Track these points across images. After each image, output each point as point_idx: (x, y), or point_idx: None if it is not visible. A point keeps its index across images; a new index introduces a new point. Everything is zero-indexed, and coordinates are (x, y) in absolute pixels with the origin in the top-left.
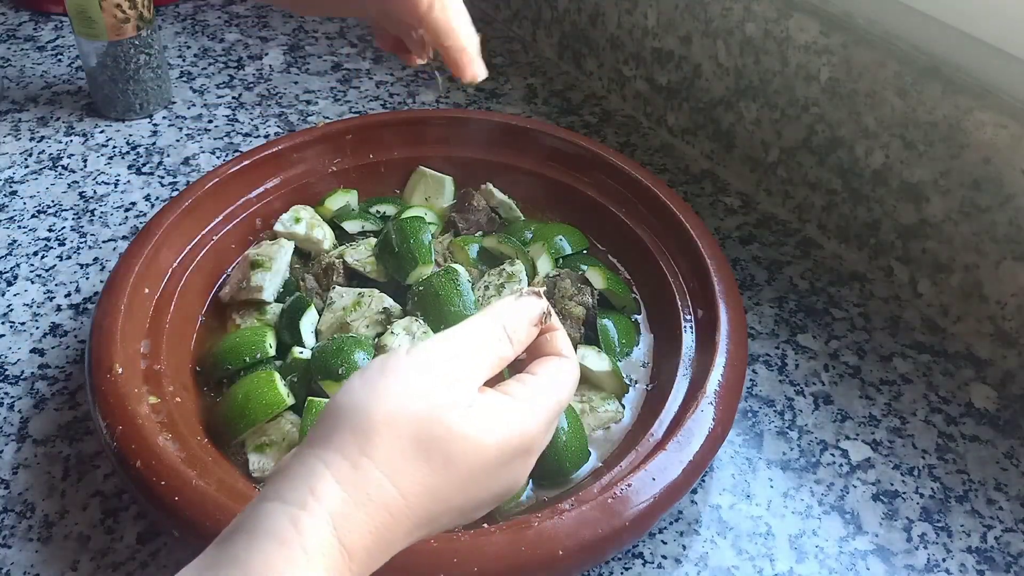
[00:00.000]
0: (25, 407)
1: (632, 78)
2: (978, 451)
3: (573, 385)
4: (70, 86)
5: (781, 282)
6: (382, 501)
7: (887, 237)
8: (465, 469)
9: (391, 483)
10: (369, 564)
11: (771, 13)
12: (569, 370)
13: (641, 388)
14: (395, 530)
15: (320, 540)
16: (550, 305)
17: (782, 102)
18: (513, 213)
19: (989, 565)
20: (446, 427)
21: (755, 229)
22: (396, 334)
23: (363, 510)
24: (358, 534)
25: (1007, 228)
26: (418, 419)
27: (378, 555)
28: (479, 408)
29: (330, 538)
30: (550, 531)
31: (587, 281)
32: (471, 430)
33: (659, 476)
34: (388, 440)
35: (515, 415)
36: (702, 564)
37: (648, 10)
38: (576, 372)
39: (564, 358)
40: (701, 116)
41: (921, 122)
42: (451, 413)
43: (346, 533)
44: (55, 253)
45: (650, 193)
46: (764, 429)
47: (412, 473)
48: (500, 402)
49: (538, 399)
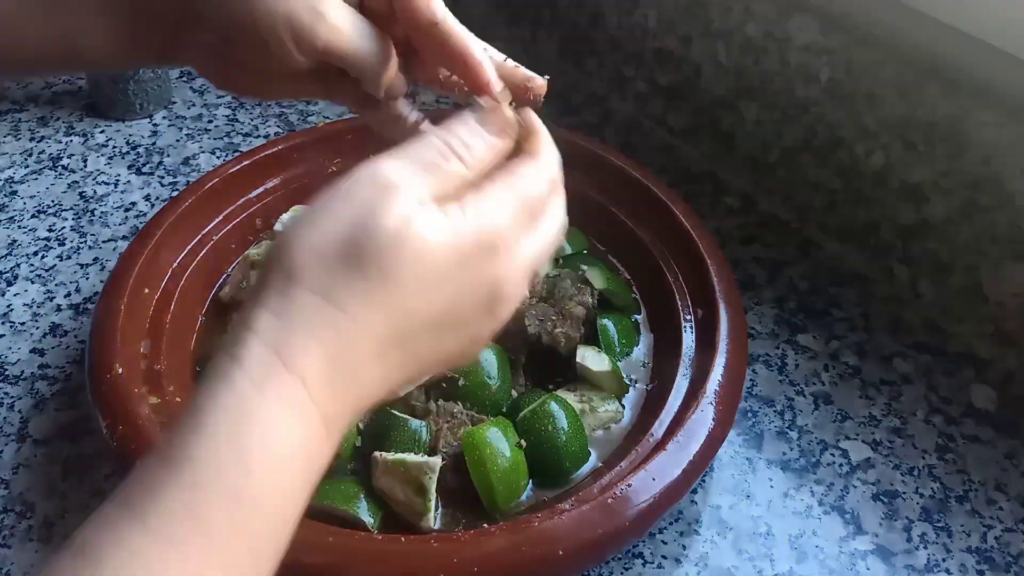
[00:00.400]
0: (25, 407)
1: (632, 78)
2: (978, 451)
3: (537, 177)
4: (70, 86)
5: (781, 282)
6: (321, 320)
7: (887, 237)
8: (410, 274)
9: (326, 301)
10: (333, 393)
11: (771, 14)
12: (531, 163)
13: (641, 388)
14: (353, 350)
15: (264, 370)
16: (523, 123)
17: (782, 102)
18: None
19: (989, 565)
20: (372, 237)
21: (755, 229)
22: None
23: (303, 332)
24: (306, 358)
25: (1007, 228)
26: (343, 237)
27: (341, 381)
28: (416, 215)
29: (275, 367)
30: (550, 531)
31: (587, 281)
32: (405, 234)
33: (659, 476)
34: (314, 263)
35: (461, 215)
36: (702, 564)
37: (648, 11)
38: (545, 167)
39: (529, 154)
40: (701, 116)
41: (921, 122)
42: (379, 222)
43: (290, 358)
44: (55, 253)
45: (650, 193)
46: (764, 429)
47: (348, 288)
48: (445, 208)
49: (493, 192)
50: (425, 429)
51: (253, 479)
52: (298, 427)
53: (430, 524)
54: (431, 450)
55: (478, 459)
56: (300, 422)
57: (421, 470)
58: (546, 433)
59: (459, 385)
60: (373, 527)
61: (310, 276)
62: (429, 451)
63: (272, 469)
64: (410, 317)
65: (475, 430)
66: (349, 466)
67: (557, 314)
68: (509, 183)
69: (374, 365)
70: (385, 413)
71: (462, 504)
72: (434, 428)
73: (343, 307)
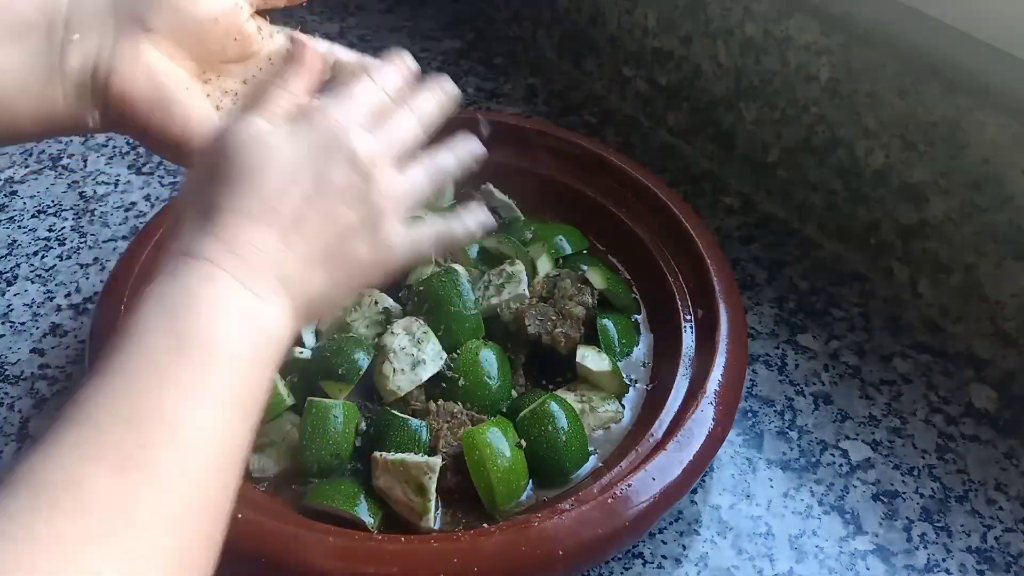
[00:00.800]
0: (25, 407)
1: (632, 78)
2: (978, 451)
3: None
4: None
5: (781, 282)
6: (208, 225)
7: (887, 237)
8: (246, 165)
9: (209, 211)
10: (246, 265)
11: (771, 13)
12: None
13: (641, 388)
14: (243, 230)
15: (174, 266)
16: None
17: (782, 102)
18: (513, 213)
19: (989, 565)
20: (225, 153)
21: (755, 229)
22: (396, 334)
23: (197, 237)
24: (205, 246)
25: (1007, 228)
26: (208, 166)
27: (249, 254)
28: (254, 126)
29: (182, 263)
30: (550, 531)
31: (587, 281)
32: (248, 138)
33: (659, 476)
34: (194, 194)
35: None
36: (702, 564)
37: (648, 10)
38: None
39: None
40: (701, 116)
41: (921, 122)
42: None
43: (194, 253)
44: (55, 253)
45: (650, 193)
46: (764, 429)
47: (219, 195)
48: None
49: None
50: (425, 429)
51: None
52: (213, 289)
53: (430, 524)
54: (431, 450)
55: (478, 459)
56: (211, 285)
57: (421, 470)
58: (546, 433)
59: (459, 385)
60: (373, 527)
61: (192, 209)
62: (429, 451)
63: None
64: (280, 194)
65: (475, 430)
66: (349, 466)
67: (557, 314)
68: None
69: (272, 237)
70: (385, 413)
71: (462, 504)
72: (434, 428)
73: (219, 208)
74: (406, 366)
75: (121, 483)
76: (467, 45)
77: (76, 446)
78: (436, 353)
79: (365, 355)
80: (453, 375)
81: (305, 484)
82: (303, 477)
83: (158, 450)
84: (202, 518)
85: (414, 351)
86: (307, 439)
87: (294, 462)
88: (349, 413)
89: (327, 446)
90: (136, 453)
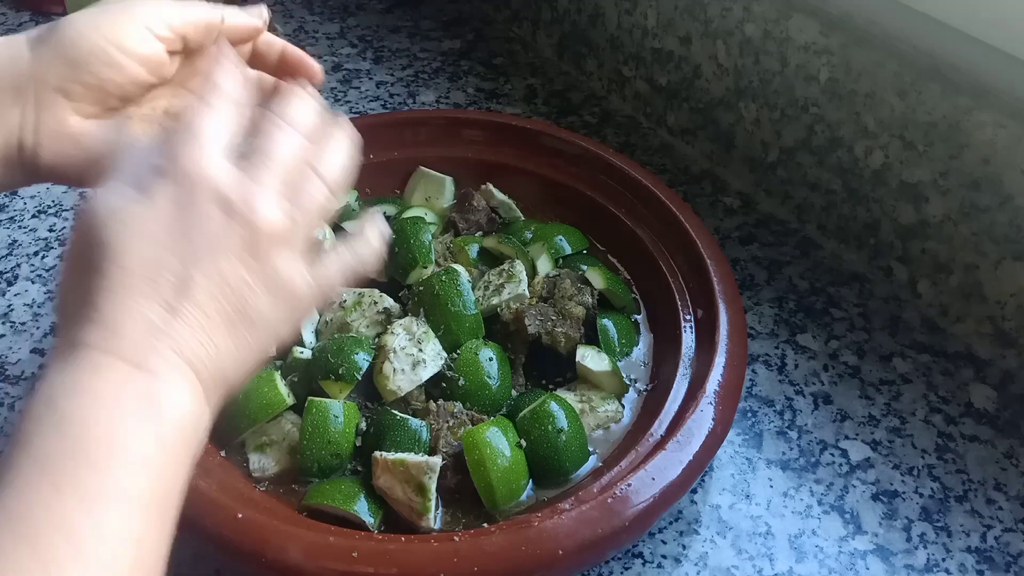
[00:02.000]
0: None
1: (632, 78)
2: (978, 451)
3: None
4: None
5: (781, 282)
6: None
7: (887, 237)
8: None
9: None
10: (132, 343)
11: (771, 13)
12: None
13: (641, 388)
14: (122, 308)
15: (63, 356)
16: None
17: (782, 102)
18: (513, 213)
19: (989, 565)
20: (75, 230)
21: (755, 229)
22: (396, 334)
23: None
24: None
25: (1007, 228)
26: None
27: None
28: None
29: (67, 352)
30: (550, 531)
31: (587, 281)
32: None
33: (659, 476)
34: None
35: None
36: (702, 564)
37: (648, 10)
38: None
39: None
40: (701, 116)
41: (921, 122)
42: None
43: (75, 337)
44: (56, 253)
45: (650, 193)
46: (764, 429)
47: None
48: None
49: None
50: (425, 429)
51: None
52: (102, 380)
53: (430, 524)
54: (431, 450)
55: (478, 459)
56: (100, 375)
57: (421, 470)
58: (546, 433)
59: (459, 385)
60: (373, 527)
61: (69, 302)
62: (429, 451)
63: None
64: (154, 264)
65: (475, 430)
66: (349, 466)
67: (557, 314)
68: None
69: (157, 310)
70: (385, 413)
71: (462, 504)
72: (434, 428)
73: (94, 291)
74: (406, 366)
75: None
76: (467, 45)
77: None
78: (436, 353)
79: (365, 355)
80: (453, 375)
81: (305, 484)
82: (303, 477)
83: (63, 570)
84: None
85: (414, 351)
86: (307, 439)
87: (294, 462)
88: (349, 413)
89: (327, 446)
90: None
